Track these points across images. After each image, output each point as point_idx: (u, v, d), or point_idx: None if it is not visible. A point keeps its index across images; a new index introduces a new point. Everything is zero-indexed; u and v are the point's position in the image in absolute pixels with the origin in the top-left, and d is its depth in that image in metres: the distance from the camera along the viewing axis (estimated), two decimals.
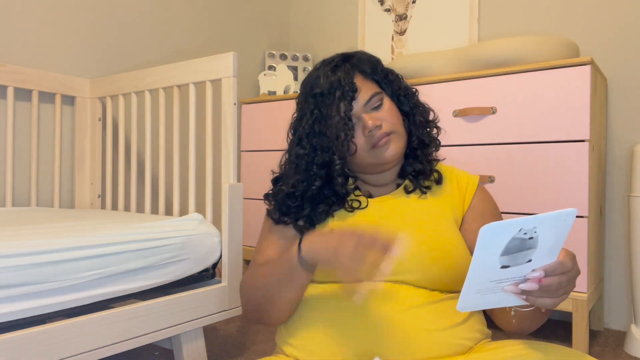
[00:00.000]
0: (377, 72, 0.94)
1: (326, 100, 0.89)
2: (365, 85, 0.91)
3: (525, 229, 0.57)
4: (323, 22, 2.75)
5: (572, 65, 1.57)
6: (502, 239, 0.58)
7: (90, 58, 1.93)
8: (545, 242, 0.59)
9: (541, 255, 0.61)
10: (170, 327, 1.26)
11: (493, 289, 0.63)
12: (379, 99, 0.90)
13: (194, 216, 1.41)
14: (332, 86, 0.89)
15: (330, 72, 0.90)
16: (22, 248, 0.99)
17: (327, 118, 0.88)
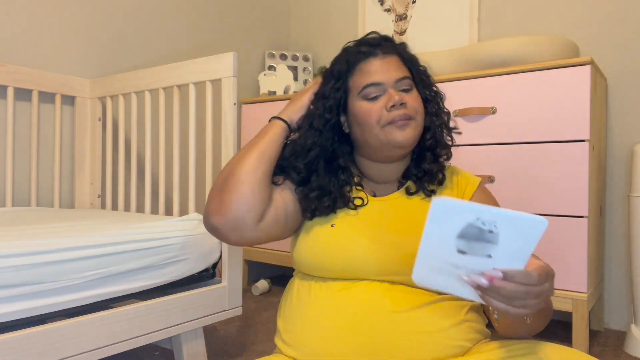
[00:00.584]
0: (414, 64, 0.93)
1: (360, 56, 0.90)
2: (401, 68, 0.90)
3: (483, 219, 0.56)
4: (323, 22, 2.75)
5: (572, 65, 1.57)
6: (457, 221, 0.56)
7: (90, 58, 1.93)
8: (507, 242, 0.57)
9: (504, 256, 0.58)
10: (170, 327, 1.26)
11: (448, 272, 0.61)
12: (410, 84, 0.89)
13: (194, 216, 1.41)
14: (371, 44, 0.90)
15: (371, 40, 0.91)
16: (22, 248, 0.99)
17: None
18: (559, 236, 1.58)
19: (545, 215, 1.61)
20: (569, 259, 1.57)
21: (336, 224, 0.86)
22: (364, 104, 0.87)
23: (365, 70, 0.88)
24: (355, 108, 0.89)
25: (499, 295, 0.59)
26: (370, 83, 0.87)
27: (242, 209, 0.81)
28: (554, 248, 1.59)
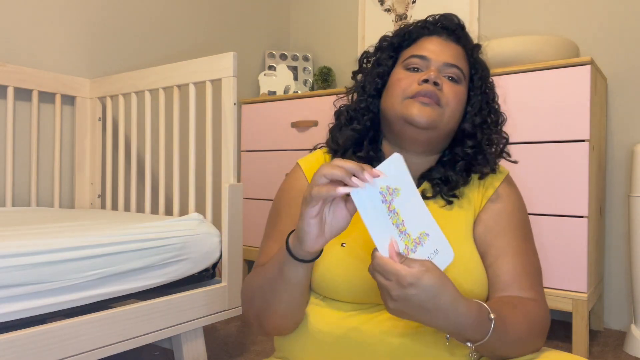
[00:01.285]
0: (479, 68, 0.87)
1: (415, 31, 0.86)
2: (459, 58, 0.84)
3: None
4: (323, 22, 2.74)
5: (572, 65, 1.57)
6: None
7: (90, 58, 1.93)
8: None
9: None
10: (170, 327, 1.26)
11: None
12: (459, 77, 0.83)
13: (194, 216, 1.41)
14: (440, 24, 0.86)
15: (442, 21, 0.87)
16: (22, 248, 0.99)
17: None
18: (559, 236, 1.58)
19: (546, 216, 1.61)
20: (569, 259, 1.57)
21: (347, 242, 0.78)
22: (401, 71, 0.83)
23: (420, 44, 0.85)
24: (393, 75, 0.85)
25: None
26: (417, 54, 0.83)
27: (287, 326, 0.78)
28: (554, 248, 1.59)
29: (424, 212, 0.64)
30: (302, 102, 2.23)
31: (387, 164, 0.63)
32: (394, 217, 0.63)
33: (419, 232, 0.64)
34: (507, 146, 0.89)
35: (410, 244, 0.64)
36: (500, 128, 0.89)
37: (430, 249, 0.64)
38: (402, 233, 0.64)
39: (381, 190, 0.63)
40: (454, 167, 0.84)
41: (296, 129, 2.23)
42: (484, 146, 0.84)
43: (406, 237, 0.64)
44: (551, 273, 1.60)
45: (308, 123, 2.18)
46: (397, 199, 0.63)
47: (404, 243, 0.64)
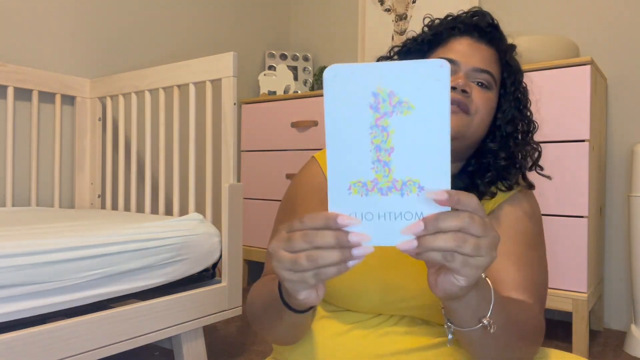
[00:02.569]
0: (512, 73, 0.80)
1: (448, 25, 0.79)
2: (491, 62, 0.77)
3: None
4: (323, 22, 2.74)
5: (572, 65, 1.57)
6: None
7: (90, 58, 1.93)
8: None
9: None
10: (170, 327, 1.26)
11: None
12: (490, 83, 0.76)
13: (194, 216, 1.41)
14: (472, 24, 0.78)
15: (473, 20, 0.79)
16: (22, 248, 0.99)
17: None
18: (559, 236, 1.58)
19: (546, 215, 1.61)
20: (569, 259, 1.57)
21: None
22: None
23: (450, 46, 0.78)
24: None
25: (438, 238, 0.43)
26: (444, 57, 0.73)
27: (290, 345, 0.74)
28: (554, 248, 1.59)
29: (438, 159, 0.43)
30: (302, 102, 2.23)
31: (415, 65, 0.42)
32: (379, 136, 0.44)
33: (407, 177, 0.44)
34: (540, 159, 0.81)
35: (384, 182, 0.44)
36: (532, 137, 0.82)
37: (413, 206, 0.44)
38: (378, 161, 0.44)
39: (377, 92, 0.43)
40: (481, 177, 0.77)
41: (296, 129, 2.23)
42: (517, 158, 0.78)
43: (381, 169, 0.44)
44: (551, 273, 1.60)
45: (308, 123, 2.18)
46: (398, 117, 0.43)
47: (372, 174, 0.44)
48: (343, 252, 0.44)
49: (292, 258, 0.45)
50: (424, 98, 0.42)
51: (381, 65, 0.43)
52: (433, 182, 0.43)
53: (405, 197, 0.44)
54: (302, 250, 0.45)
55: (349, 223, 0.44)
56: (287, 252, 0.46)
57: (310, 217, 0.45)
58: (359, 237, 0.44)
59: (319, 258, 0.44)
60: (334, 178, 0.45)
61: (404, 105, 0.43)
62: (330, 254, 0.44)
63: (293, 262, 0.45)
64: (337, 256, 0.44)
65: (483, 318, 0.53)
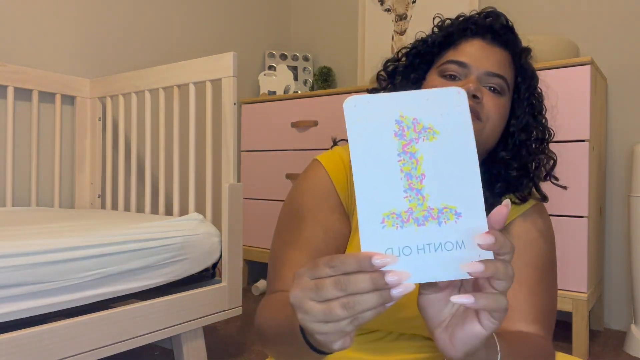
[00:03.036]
0: (527, 77, 0.77)
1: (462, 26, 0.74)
2: (504, 66, 0.73)
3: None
4: (323, 22, 2.74)
5: (572, 65, 1.57)
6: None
7: (90, 58, 1.93)
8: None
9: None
10: (170, 327, 1.26)
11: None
12: (502, 88, 0.72)
13: (194, 216, 1.41)
14: (484, 26, 0.74)
15: (486, 22, 0.75)
16: (22, 248, 0.99)
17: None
18: (559, 236, 1.58)
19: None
20: (569, 259, 1.57)
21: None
22: (436, 78, 0.73)
23: (461, 48, 0.74)
24: (427, 82, 0.75)
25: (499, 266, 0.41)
26: (455, 60, 0.72)
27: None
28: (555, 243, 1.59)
29: (469, 182, 0.42)
30: (302, 102, 2.23)
31: (434, 94, 0.43)
32: (408, 163, 0.42)
33: (442, 203, 0.42)
34: (554, 168, 0.77)
35: (419, 211, 0.42)
36: (547, 145, 0.77)
37: (452, 235, 0.42)
38: (410, 189, 0.42)
39: (400, 119, 0.42)
40: (491, 189, 0.73)
41: (296, 129, 2.23)
42: (530, 168, 0.74)
43: (415, 197, 0.42)
44: None
45: (308, 123, 2.18)
46: (425, 143, 0.42)
47: (406, 203, 0.42)
48: (382, 295, 0.40)
49: (324, 309, 0.40)
50: (447, 123, 0.42)
51: (400, 94, 0.43)
52: (469, 207, 0.42)
53: (443, 226, 0.42)
54: (334, 299, 0.40)
55: (385, 263, 0.40)
56: (316, 302, 0.41)
57: (340, 260, 0.40)
58: (398, 277, 0.40)
59: (357, 304, 0.39)
60: (364, 213, 0.42)
61: (428, 131, 0.42)
62: (368, 299, 0.39)
63: (326, 313, 0.40)
64: (376, 300, 0.40)
65: None
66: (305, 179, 0.77)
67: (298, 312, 0.42)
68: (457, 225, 0.42)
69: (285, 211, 0.77)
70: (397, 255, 0.41)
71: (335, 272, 0.40)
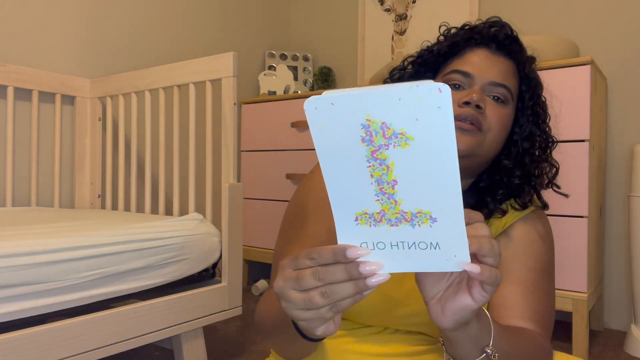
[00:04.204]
0: (531, 86, 0.77)
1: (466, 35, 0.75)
2: (508, 76, 0.73)
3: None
4: (323, 22, 2.74)
5: (572, 65, 1.57)
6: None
7: (90, 58, 1.93)
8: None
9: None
10: (170, 327, 1.26)
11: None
12: (506, 98, 0.73)
13: (194, 216, 1.41)
14: (488, 36, 0.75)
15: (491, 32, 0.76)
16: (22, 248, 0.99)
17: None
18: (559, 236, 1.58)
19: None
20: (569, 259, 1.57)
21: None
22: None
23: (466, 58, 0.74)
24: None
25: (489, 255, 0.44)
26: (459, 70, 0.73)
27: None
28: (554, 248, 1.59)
29: (447, 190, 0.39)
30: (302, 102, 2.22)
31: (408, 92, 0.36)
32: (378, 169, 0.39)
33: (417, 208, 0.40)
34: (556, 177, 0.78)
35: (391, 214, 0.41)
36: (550, 154, 0.78)
37: (427, 237, 0.41)
38: (382, 193, 0.40)
39: (367, 124, 0.38)
40: (492, 195, 0.74)
41: (296, 129, 2.23)
42: (533, 176, 0.75)
43: (387, 201, 0.40)
44: None
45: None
46: (396, 149, 0.38)
47: (378, 205, 0.41)
48: (357, 284, 0.42)
49: (304, 298, 0.43)
50: (424, 128, 0.37)
51: (367, 94, 0.37)
52: (445, 213, 0.40)
53: (417, 228, 0.41)
54: (313, 288, 0.43)
55: (359, 255, 0.42)
56: (297, 291, 0.44)
57: (317, 252, 0.43)
58: (372, 267, 0.42)
59: (333, 293, 0.42)
60: (338, 211, 0.42)
61: (400, 137, 0.38)
62: (344, 288, 0.42)
63: (306, 301, 0.43)
64: (352, 289, 0.42)
65: (486, 347, 0.52)
66: (310, 179, 0.78)
67: (282, 300, 0.45)
68: (432, 230, 0.40)
69: (290, 210, 0.79)
70: (371, 248, 0.42)
71: (314, 263, 0.43)
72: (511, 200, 0.75)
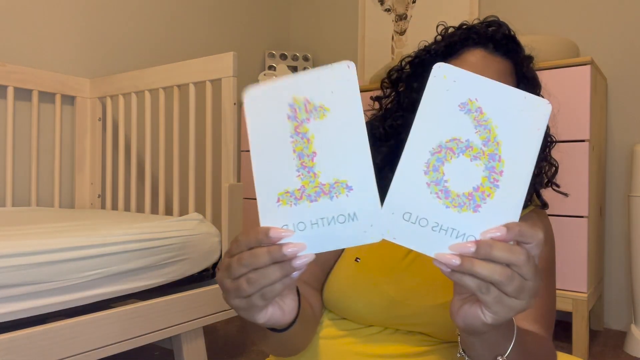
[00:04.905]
0: (529, 86, 0.77)
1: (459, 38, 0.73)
2: (506, 76, 0.74)
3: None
4: (323, 22, 2.74)
5: (572, 65, 1.57)
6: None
7: (90, 58, 1.93)
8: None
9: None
10: (170, 327, 1.26)
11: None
12: None
13: (194, 216, 1.41)
14: (486, 35, 0.74)
15: (488, 31, 0.75)
16: (22, 248, 0.98)
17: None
18: (559, 236, 1.58)
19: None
20: (569, 259, 1.57)
21: (362, 257, 0.73)
22: None
23: (463, 58, 0.74)
24: None
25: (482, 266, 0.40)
26: None
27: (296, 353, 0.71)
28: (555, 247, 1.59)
29: (359, 156, 0.42)
30: None
31: (325, 71, 0.42)
32: (300, 143, 0.43)
33: (334, 178, 0.43)
34: (555, 176, 0.77)
35: (311, 188, 0.43)
36: (549, 153, 0.78)
37: (344, 208, 0.43)
38: (303, 167, 0.43)
39: (293, 102, 0.43)
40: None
41: None
42: (532, 175, 0.78)
43: (307, 175, 0.43)
44: None
45: None
46: (316, 121, 0.43)
47: (298, 181, 0.43)
48: (283, 267, 0.41)
49: (234, 286, 0.42)
50: (338, 100, 0.42)
51: (293, 77, 0.43)
52: (359, 180, 0.43)
53: (335, 200, 0.43)
54: (242, 276, 0.42)
55: (281, 236, 0.42)
56: (229, 280, 0.43)
57: (243, 236, 0.43)
58: (293, 249, 0.41)
59: (259, 279, 0.41)
60: (262, 194, 0.44)
61: (319, 110, 0.43)
62: (269, 272, 0.41)
63: (236, 290, 0.42)
64: (278, 273, 0.41)
65: (499, 356, 0.50)
66: None
67: (222, 291, 0.45)
68: (348, 199, 0.43)
69: None
70: (293, 230, 0.43)
71: (239, 249, 0.43)
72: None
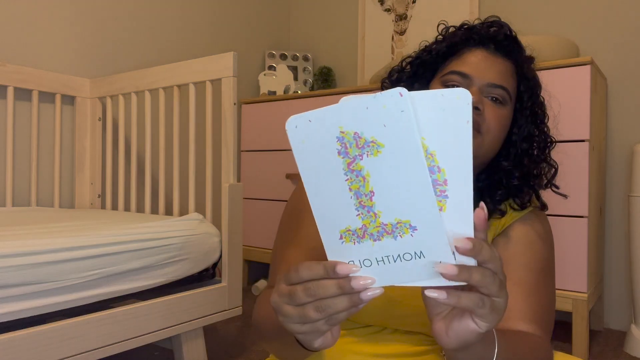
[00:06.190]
0: (530, 87, 0.76)
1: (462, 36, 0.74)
2: (506, 77, 0.73)
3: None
4: (323, 22, 2.74)
5: (572, 65, 1.57)
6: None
7: (90, 58, 1.93)
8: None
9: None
10: (170, 327, 1.26)
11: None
12: (505, 99, 0.72)
13: (194, 216, 1.41)
14: (487, 36, 0.74)
15: (489, 32, 0.75)
16: (22, 248, 0.99)
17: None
18: (559, 236, 1.58)
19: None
20: (569, 259, 1.57)
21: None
22: (438, 88, 0.73)
23: (464, 59, 0.74)
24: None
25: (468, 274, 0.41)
26: (457, 71, 0.72)
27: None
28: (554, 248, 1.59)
29: (420, 195, 0.39)
30: (302, 102, 2.23)
31: (376, 100, 0.38)
32: (356, 182, 0.41)
33: (396, 219, 0.41)
34: (555, 177, 0.78)
35: (373, 227, 0.41)
36: (548, 154, 0.78)
37: (410, 247, 0.41)
38: (361, 207, 0.41)
39: (341, 136, 0.40)
40: (491, 195, 0.74)
41: None
42: (532, 177, 0.74)
43: (367, 214, 0.41)
44: None
45: None
46: (370, 158, 0.40)
47: (359, 220, 0.41)
48: (351, 298, 0.42)
49: (299, 312, 0.43)
50: (392, 134, 0.38)
51: (339, 107, 0.39)
52: (423, 220, 0.40)
53: (399, 240, 0.41)
54: (307, 303, 0.43)
55: (348, 272, 0.42)
56: (291, 306, 0.44)
57: (307, 267, 0.43)
58: (363, 282, 0.42)
59: (328, 307, 0.42)
60: (324, 229, 0.43)
61: (372, 145, 0.39)
62: (338, 302, 0.42)
63: (302, 316, 0.43)
64: (347, 303, 0.42)
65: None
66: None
67: (278, 314, 0.46)
68: (413, 239, 0.41)
69: (286, 211, 0.79)
70: (359, 266, 0.43)
71: (303, 279, 0.43)
72: (510, 200, 0.75)
